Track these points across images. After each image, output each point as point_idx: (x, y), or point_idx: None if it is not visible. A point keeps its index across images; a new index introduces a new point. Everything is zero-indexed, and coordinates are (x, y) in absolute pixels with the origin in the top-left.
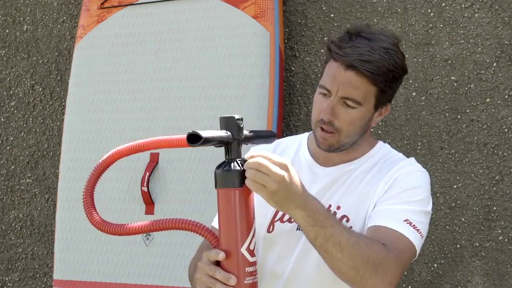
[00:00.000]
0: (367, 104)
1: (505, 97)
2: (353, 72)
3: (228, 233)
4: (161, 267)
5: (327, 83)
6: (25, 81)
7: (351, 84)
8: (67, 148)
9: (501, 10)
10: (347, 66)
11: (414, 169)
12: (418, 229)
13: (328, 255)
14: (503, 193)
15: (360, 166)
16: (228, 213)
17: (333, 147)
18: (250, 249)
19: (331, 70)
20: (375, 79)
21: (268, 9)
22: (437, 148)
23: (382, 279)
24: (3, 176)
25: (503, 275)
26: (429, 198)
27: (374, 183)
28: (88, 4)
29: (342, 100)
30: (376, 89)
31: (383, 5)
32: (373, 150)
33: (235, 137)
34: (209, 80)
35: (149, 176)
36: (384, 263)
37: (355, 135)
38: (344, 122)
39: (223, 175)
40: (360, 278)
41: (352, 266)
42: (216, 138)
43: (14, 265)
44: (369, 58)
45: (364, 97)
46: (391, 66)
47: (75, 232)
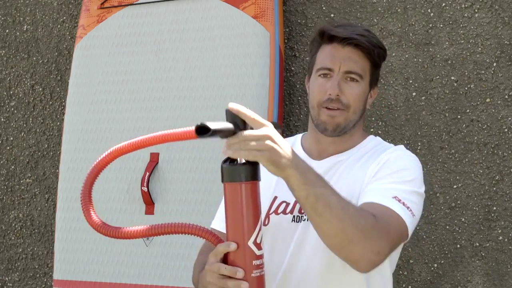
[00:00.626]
0: (365, 79)
1: (505, 97)
2: (351, 47)
3: (235, 227)
4: (161, 267)
5: (328, 63)
6: (25, 81)
7: (351, 58)
8: (67, 148)
9: (501, 10)
10: (346, 40)
11: (404, 153)
12: (409, 207)
13: (317, 216)
14: (503, 193)
15: (350, 156)
16: (235, 207)
17: (340, 126)
18: (257, 242)
19: (328, 51)
20: (370, 52)
21: (268, 9)
22: (437, 148)
23: (371, 246)
24: (3, 176)
25: (503, 275)
26: (421, 181)
27: (364, 169)
28: (88, 4)
29: (345, 75)
30: (370, 64)
31: (383, 5)
32: (364, 142)
33: (241, 129)
34: (209, 80)
35: (149, 176)
36: (374, 231)
37: (359, 112)
38: (351, 97)
39: (230, 169)
40: (348, 243)
41: (341, 229)
42: (223, 130)
43: (14, 265)
44: (362, 33)
45: (363, 71)
46: (379, 43)
47: (75, 232)
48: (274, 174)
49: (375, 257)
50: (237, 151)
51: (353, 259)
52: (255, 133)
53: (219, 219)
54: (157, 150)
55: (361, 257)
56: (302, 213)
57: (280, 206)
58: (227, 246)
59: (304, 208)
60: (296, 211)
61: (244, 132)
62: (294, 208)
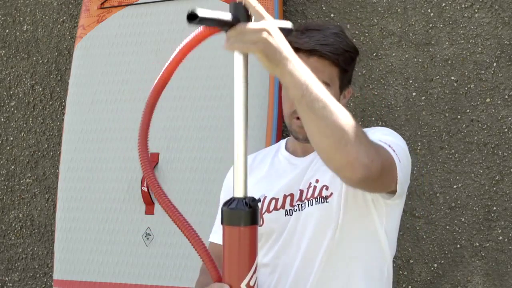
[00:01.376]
0: (334, 86)
1: (505, 97)
2: (315, 57)
3: (230, 268)
4: (161, 267)
5: None
6: (25, 81)
7: (316, 69)
8: (67, 148)
9: (501, 10)
10: (309, 52)
11: (388, 129)
12: (394, 150)
13: (314, 115)
14: (503, 193)
15: None
16: (231, 249)
17: None
18: (250, 285)
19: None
20: (336, 60)
21: (268, 9)
22: (437, 148)
23: (366, 151)
24: (3, 176)
25: (503, 275)
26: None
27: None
28: (88, 4)
29: None
30: (337, 70)
31: (383, 5)
32: None
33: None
34: (209, 80)
35: None
36: (367, 140)
37: None
38: None
39: (229, 212)
40: (344, 144)
41: (338, 128)
42: (217, 20)
43: (14, 265)
44: (326, 42)
45: (330, 79)
46: (346, 47)
47: (75, 232)
48: (269, 70)
49: (369, 162)
50: (233, 43)
51: (348, 161)
52: (252, 25)
53: (216, 233)
54: (157, 150)
55: (356, 158)
56: (293, 206)
57: (271, 204)
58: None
59: (300, 107)
60: (287, 204)
61: (242, 25)
62: (285, 203)
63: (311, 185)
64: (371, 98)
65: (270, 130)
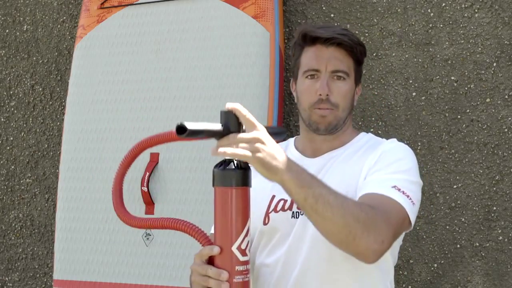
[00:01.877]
0: (351, 77)
1: (505, 97)
2: (334, 47)
3: (221, 231)
4: (161, 267)
5: (313, 64)
6: (25, 81)
7: (336, 57)
8: (67, 148)
9: (501, 10)
10: (329, 40)
11: (398, 144)
12: (408, 195)
13: (319, 217)
14: (503, 193)
15: (345, 151)
16: (223, 211)
17: (332, 124)
18: (241, 248)
19: (312, 53)
20: (353, 50)
21: (268, 9)
22: (437, 148)
23: (374, 237)
24: (3, 176)
25: (503, 275)
26: (416, 170)
27: (360, 162)
28: (88, 4)
29: (332, 75)
30: (353, 62)
31: (383, 5)
32: (357, 137)
33: (232, 131)
34: (209, 80)
35: (149, 176)
36: (374, 222)
37: (348, 109)
38: (339, 95)
39: (220, 173)
40: (352, 239)
41: (344, 225)
42: (206, 131)
43: (14, 265)
44: (342, 32)
45: (348, 68)
46: (359, 41)
47: (75, 232)
48: (267, 178)
49: (379, 246)
50: (225, 152)
51: (359, 252)
52: (245, 135)
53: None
54: (157, 150)
55: (366, 249)
56: (300, 209)
57: (279, 204)
58: (211, 249)
59: (303, 209)
60: (295, 207)
61: (235, 134)
62: (293, 205)
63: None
64: (371, 98)
65: None
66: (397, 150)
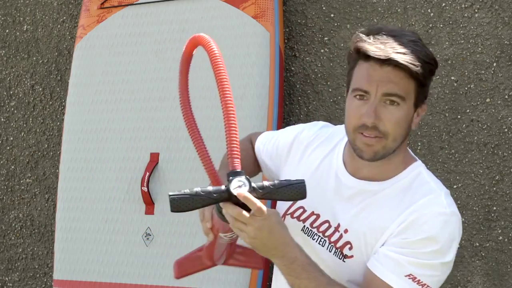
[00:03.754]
0: (408, 101)
1: (505, 97)
2: (390, 67)
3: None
4: (161, 267)
5: (363, 84)
6: (25, 81)
7: (390, 80)
8: (67, 148)
9: (501, 10)
10: (383, 61)
11: (437, 211)
12: (424, 284)
13: None
14: (503, 193)
15: (383, 190)
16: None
17: (379, 154)
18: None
19: (364, 70)
20: (414, 72)
21: (268, 9)
22: (437, 148)
23: None
24: (3, 176)
25: (503, 275)
26: (448, 247)
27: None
28: (88, 4)
29: (384, 99)
30: (414, 83)
31: (383, 5)
32: (403, 173)
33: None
34: (209, 80)
35: (149, 176)
36: None
37: (401, 138)
38: (390, 123)
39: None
40: None
41: None
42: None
43: (14, 265)
44: (403, 50)
45: (405, 92)
46: (426, 58)
47: (75, 232)
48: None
49: None
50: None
51: None
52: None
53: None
54: (157, 150)
55: None
56: (312, 228)
57: (297, 211)
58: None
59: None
60: (309, 222)
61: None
62: (308, 219)
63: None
64: None
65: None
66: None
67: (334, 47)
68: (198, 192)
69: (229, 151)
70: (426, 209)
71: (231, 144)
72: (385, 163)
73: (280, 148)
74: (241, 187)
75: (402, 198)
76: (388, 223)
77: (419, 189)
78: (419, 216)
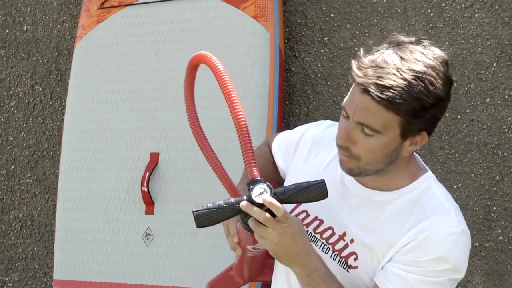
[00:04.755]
0: (389, 133)
1: (505, 97)
2: (369, 97)
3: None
4: (161, 267)
5: (346, 104)
6: (25, 81)
7: (367, 109)
8: (67, 148)
9: (501, 10)
10: (362, 89)
11: (447, 231)
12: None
13: None
14: (503, 193)
15: (391, 202)
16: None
17: (354, 172)
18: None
19: (352, 91)
20: (394, 108)
21: (268, 9)
22: (437, 148)
23: None
24: (3, 176)
25: (503, 275)
26: (459, 265)
27: (398, 232)
28: (88, 4)
29: (358, 126)
30: (399, 118)
31: (383, 5)
32: (412, 185)
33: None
34: (209, 80)
35: (149, 176)
36: None
37: (378, 164)
38: (362, 150)
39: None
40: None
41: None
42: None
43: (14, 265)
44: (388, 83)
45: (383, 126)
46: (418, 94)
47: (75, 232)
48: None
49: None
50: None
51: None
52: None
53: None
54: (157, 150)
55: None
56: (316, 233)
57: (301, 214)
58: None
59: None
60: (313, 227)
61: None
62: (312, 223)
63: (344, 238)
64: None
65: (270, 131)
66: (442, 243)
67: (334, 47)
68: (221, 205)
69: (246, 160)
70: (436, 228)
71: (247, 153)
72: (386, 176)
73: (288, 146)
74: (262, 194)
75: (411, 211)
76: (396, 237)
77: (428, 203)
78: (429, 236)
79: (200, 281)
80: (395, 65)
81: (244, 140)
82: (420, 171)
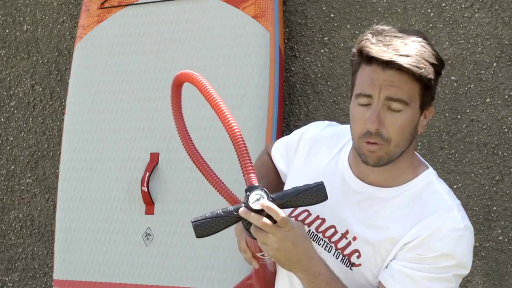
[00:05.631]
0: (413, 105)
1: (505, 97)
2: (393, 71)
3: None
4: (161, 267)
5: (366, 88)
6: (25, 81)
7: (393, 83)
8: (67, 148)
9: (501, 10)
10: (386, 64)
11: (451, 227)
12: None
13: None
14: (503, 193)
15: (393, 198)
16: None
17: (383, 160)
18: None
19: (367, 74)
20: (418, 74)
21: (268, 9)
22: (437, 148)
23: None
24: (3, 176)
25: (503, 275)
26: (464, 261)
27: (401, 228)
28: (88, 4)
29: (386, 103)
30: (419, 86)
31: (383, 5)
32: (414, 181)
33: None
34: (209, 80)
35: (149, 176)
36: None
37: (405, 143)
38: (393, 130)
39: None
40: None
41: None
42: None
43: (14, 265)
44: (407, 52)
45: (409, 96)
46: (431, 59)
47: (75, 232)
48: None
49: None
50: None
51: None
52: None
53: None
54: (157, 150)
55: None
56: (319, 232)
57: (302, 214)
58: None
59: None
60: (315, 226)
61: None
62: (314, 223)
63: (346, 236)
64: None
65: (270, 131)
66: (446, 239)
67: (334, 47)
68: (219, 214)
69: (243, 168)
70: (440, 225)
71: (243, 161)
72: (391, 168)
73: (289, 150)
74: (259, 200)
75: (413, 207)
76: (400, 234)
77: (430, 199)
78: (433, 233)
79: (200, 281)
80: (399, 40)
81: (239, 147)
82: (421, 167)
